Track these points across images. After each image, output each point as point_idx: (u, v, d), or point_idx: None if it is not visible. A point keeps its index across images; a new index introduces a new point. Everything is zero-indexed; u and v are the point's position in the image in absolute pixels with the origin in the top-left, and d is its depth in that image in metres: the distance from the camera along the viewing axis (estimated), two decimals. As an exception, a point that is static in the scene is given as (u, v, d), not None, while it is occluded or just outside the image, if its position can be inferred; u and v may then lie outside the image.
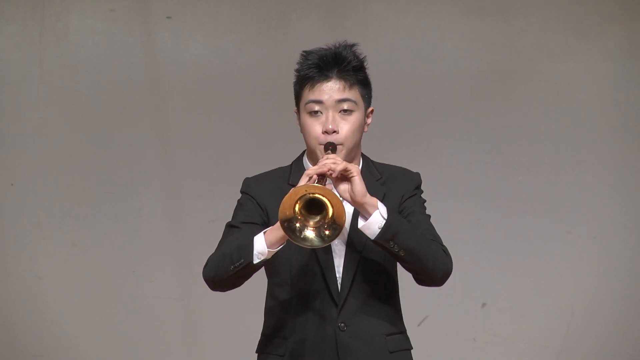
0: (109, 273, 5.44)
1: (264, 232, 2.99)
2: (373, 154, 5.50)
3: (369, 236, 3.00)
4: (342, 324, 3.09)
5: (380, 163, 3.30)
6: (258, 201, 3.16)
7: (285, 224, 2.90)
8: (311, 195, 2.89)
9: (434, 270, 3.11)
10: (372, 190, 3.08)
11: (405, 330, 3.25)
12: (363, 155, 3.27)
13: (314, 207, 2.91)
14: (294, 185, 3.07)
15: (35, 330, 5.46)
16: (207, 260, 3.10)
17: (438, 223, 5.49)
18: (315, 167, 2.99)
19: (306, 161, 3.21)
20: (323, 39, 5.46)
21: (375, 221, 3.00)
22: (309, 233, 2.92)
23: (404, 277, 5.46)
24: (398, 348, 3.18)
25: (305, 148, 3.22)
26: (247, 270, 3.01)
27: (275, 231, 2.98)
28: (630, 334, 5.52)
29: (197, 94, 5.42)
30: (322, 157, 3.03)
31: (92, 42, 5.43)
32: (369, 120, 3.21)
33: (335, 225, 2.89)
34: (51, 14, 5.39)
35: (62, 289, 5.45)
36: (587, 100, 5.49)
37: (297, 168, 3.21)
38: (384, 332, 3.16)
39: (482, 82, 5.48)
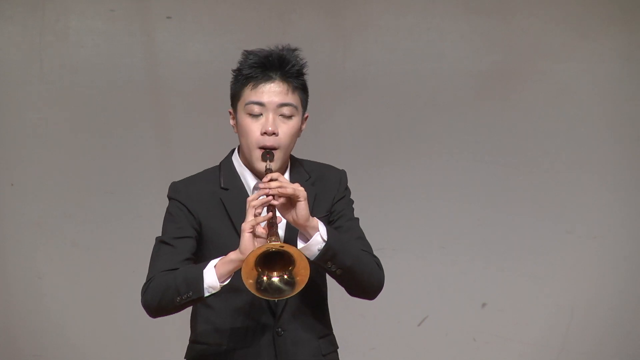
0: (109, 273, 5.44)
1: (214, 266, 2.99)
2: (372, 154, 5.51)
3: (308, 257, 3.01)
4: (280, 329, 3.12)
5: (306, 161, 3.27)
6: (189, 208, 3.15)
7: (251, 283, 2.88)
8: (273, 249, 2.87)
9: (367, 286, 3.14)
10: None
11: (333, 331, 3.29)
12: (291, 157, 3.24)
13: (274, 257, 2.89)
14: (226, 189, 3.12)
15: (35, 330, 5.46)
16: (146, 288, 3.13)
17: (439, 223, 5.51)
18: (260, 193, 2.95)
19: (237, 160, 3.19)
20: (323, 39, 5.48)
21: (315, 243, 3.01)
22: (274, 284, 2.91)
23: (398, 281, 5.47)
24: (329, 350, 3.23)
25: (233, 148, 3.22)
26: (194, 302, 3.05)
27: (227, 265, 2.98)
28: (630, 334, 5.52)
29: (197, 94, 5.42)
30: (265, 177, 3.00)
31: (92, 42, 5.43)
32: (303, 126, 3.19)
33: (297, 278, 2.90)
34: (51, 14, 5.39)
35: (62, 289, 5.45)
36: (587, 100, 5.49)
37: (227, 169, 3.19)
38: (316, 335, 3.20)
39: (482, 82, 5.48)
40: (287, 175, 3.19)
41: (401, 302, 5.46)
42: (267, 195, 2.96)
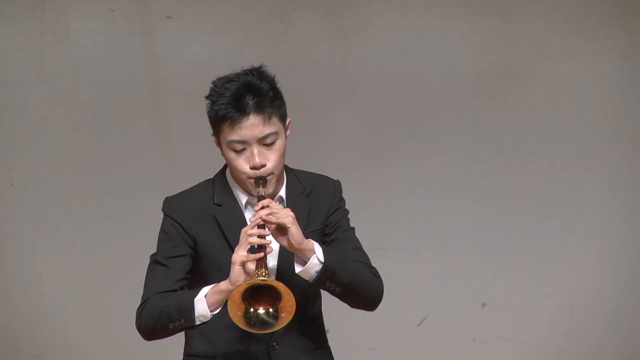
0: (109, 273, 5.44)
1: (205, 295, 3.01)
2: (372, 154, 5.51)
3: (307, 279, 3.03)
4: (274, 343, 3.14)
5: (301, 171, 3.27)
6: (183, 226, 3.16)
7: (239, 316, 2.91)
8: (259, 283, 2.89)
9: (367, 299, 3.15)
10: (298, 204, 3.13)
11: (328, 344, 3.30)
12: (286, 168, 3.24)
13: (262, 290, 2.91)
14: (219, 205, 3.14)
15: (35, 330, 5.46)
16: (141, 312, 3.13)
17: (439, 223, 5.51)
18: (254, 224, 2.97)
19: (229, 177, 3.20)
20: (323, 39, 5.48)
21: (312, 265, 3.02)
22: (260, 316, 2.93)
23: (398, 281, 5.47)
24: None
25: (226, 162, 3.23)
26: (187, 329, 3.08)
27: (216, 294, 3.00)
28: (630, 334, 5.52)
29: (197, 94, 5.38)
30: (257, 205, 3.02)
31: (92, 42, 5.43)
32: (288, 132, 3.18)
33: (282, 314, 2.92)
34: (51, 14, 5.39)
35: (62, 289, 5.45)
36: (587, 100, 5.49)
37: (220, 185, 3.20)
38: (311, 348, 3.21)
39: (482, 82, 5.48)
40: (283, 189, 3.19)
41: (401, 302, 5.46)
42: (258, 227, 2.97)
